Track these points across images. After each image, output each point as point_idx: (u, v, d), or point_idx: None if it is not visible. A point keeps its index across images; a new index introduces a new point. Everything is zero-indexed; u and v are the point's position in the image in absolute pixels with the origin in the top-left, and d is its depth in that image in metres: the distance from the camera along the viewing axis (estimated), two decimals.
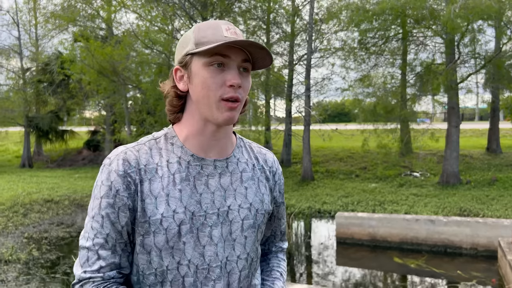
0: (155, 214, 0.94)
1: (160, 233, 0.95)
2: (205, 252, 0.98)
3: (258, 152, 1.15)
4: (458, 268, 5.98)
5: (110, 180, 0.95)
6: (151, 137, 1.04)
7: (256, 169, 1.11)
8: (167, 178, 0.97)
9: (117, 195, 0.94)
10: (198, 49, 0.95)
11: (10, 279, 5.67)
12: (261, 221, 1.07)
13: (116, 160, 0.97)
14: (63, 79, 16.93)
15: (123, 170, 0.95)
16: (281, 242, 1.29)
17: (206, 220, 0.98)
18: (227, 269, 1.01)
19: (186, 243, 0.96)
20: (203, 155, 1.01)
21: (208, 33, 0.95)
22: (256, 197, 1.07)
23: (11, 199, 10.50)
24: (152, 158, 0.99)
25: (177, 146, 1.01)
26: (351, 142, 17.21)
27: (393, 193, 10.43)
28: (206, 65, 0.95)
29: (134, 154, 0.98)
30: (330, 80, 15.40)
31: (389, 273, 6.12)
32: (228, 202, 1.01)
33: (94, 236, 0.95)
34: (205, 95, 0.96)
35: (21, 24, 18.90)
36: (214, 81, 0.94)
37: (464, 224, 6.55)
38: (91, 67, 12.19)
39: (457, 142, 10.98)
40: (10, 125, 19.46)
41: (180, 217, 0.96)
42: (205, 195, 0.99)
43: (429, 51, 13.08)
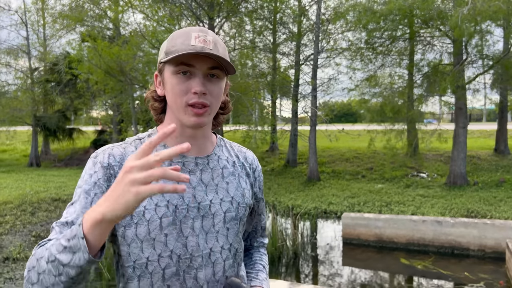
0: (139, 206, 0.95)
1: (142, 225, 0.99)
2: (187, 242, 1.03)
3: (238, 151, 1.23)
4: (465, 269, 5.94)
5: (94, 170, 1.01)
6: (136, 137, 1.11)
7: (237, 166, 1.18)
8: None
9: (97, 183, 0.99)
10: (165, 58, 1.01)
11: (18, 277, 5.72)
12: (242, 213, 1.13)
13: (102, 153, 1.03)
14: (71, 79, 17.03)
15: (107, 163, 1.01)
16: (262, 237, 1.36)
17: (188, 213, 1.04)
18: (212, 259, 1.06)
19: (168, 234, 1.01)
20: (185, 153, 1.07)
21: (177, 42, 1.01)
22: (237, 191, 1.13)
23: (19, 197, 10.59)
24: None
25: (160, 145, 1.07)
26: (358, 142, 17.16)
27: (400, 194, 10.39)
28: (173, 73, 1.02)
29: (120, 151, 1.05)
30: (337, 80, 15.37)
31: (395, 274, 6.09)
32: (209, 197, 1.07)
33: (67, 216, 0.97)
34: (174, 101, 1.03)
35: (29, 24, 19.07)
36: (180, 88, 1.01)
37: (471, 226, 6.51)
38: (98, 67, 12.26)
39: (464, 143, 10.91)
40: (18, 124, 19.62)
41: (162, 210, 1.01)
42: (187, 190, 1.04)
43: (437, 52, 13.01)
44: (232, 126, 15.62)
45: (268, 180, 13.27)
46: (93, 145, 20.25)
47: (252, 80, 13.94)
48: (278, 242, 6.64)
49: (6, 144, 24.99)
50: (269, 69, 14.68)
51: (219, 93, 1.05)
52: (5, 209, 9.47)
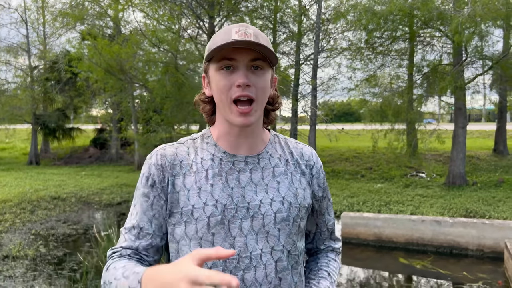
0: (187, 205, 1.03)
1: (191, 223, 1.02)
2: (235, 243, 1.02)
3: (294, 147, 1.18)
4: (464, 269, 5.96)
5: (149, 172, 1.07)
6: (190, 137, 1.15)
7: (290, 164, 1.14)
8: (200, 174, 1.05)
9: (154, 185, 1.06)
10: (207, 56, 1.03)
11: (17, 275, 5.73)
12: (295, 214, 1.09)
13: (155, 155, 1.08)
14: (71, 77, 17.04)
15: (160, 164, 1.06)
16: (331, 241, 1.28)
17: (237, 213, 1.04)
18: (263, 260, 1.04)
19: (216, 234, 1.02)
20: (234, 152, 1.09)
21: (218, 39, 1.01)
22: (289, 191, 1.10)
23: (18, 196, 10.60)
24: (188, 155, 1.09)
25: (211, 144, 1.10)
26: (357, 142, 17.18)
27: (399, 193, 10.41)
28: (217, 70, 1.02)
29: (172, 151, 1.09)
30: (337, 80, 15.37)
31: (394, 274, 6.11)
32: (259, 196, 1.06)
33: (129, 221, 1.08)
34: (220, 99, 1.03)
35: (29, 22, 19.07)
36: (223, 83, 1.01)
37: (470, 226, 6.53)
38: (98, 65, 12.26)
39: (463, 143, 10.94)
40: (17, 122, 19.63)
41: (210, 209, 1.02)
42: (236, 190, 1.05)
43: (436, 52, 13.03)
44: None
45: None
46: (92, 143, 20.26)
47: None
48: None
49: (5, 142, 24.99)
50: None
51: (264, 85, 1.03)
52: (4, 207, 9.48)
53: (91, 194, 11.19)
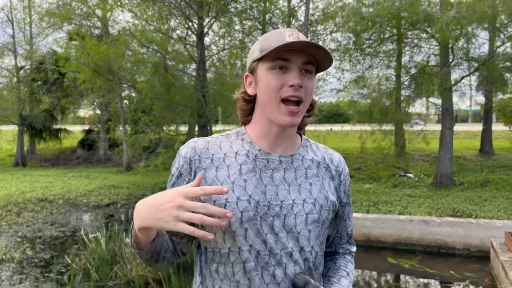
0: (220, 198, 1.03)
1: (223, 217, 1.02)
2: (267, 239, 1.04)
3: (324, 152, 1.22)
4: (451, 268, 6.03)
5: (179, 164, 1.10)
6: (224, 133, 1.17)
7: (321, 167, 1.17)
8: (234, 168, 1.07)
9: (180, 177, 1.09)
10: (261, 55, 1.04)
11: (4, 278, 5.64)
12: (325, 217, 1.12)
13: (186, 147, 1.11)
14: (58, 78, 16.84)
15: (189, 157, 1.09)
16: (349, 244, 1.31)
17: (270, 210, 1.05)
18: (293, 258, 1.06)
19: (248, 229, 1.03)
20: (270, 151, 1.10)
21: (272, 40, 1.04)
22: (321, 193, 1.12)
23: (4, 198, 10.45)
24: (221, 149, 1.10)
25: (246, 141, 1.12)
26: (346, 142, 17.28)
27: (387, 193, 10.49)
28: (269, 69, 1.04)
29: (203, 144, 1.11)
30: (325, 81, 15.45)
31: (383, 273, 6.16)
32: (292, 196, 1.08)
33: None
34: (268, 98, 1.05)
35: (16, 22, 18.81)
36: (276, 82, 1.03)
37: (457, 225, 6.62)
38: (86, 65, 12.15)
39: (450, 143, 11.07)
40: (3, 123, 19.36)
41: (243, 204, 1.03)
42: (270, 187, 1.07)
43: (424, 53, 13.18)
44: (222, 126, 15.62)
45: None
46: (80, 144, 20.05)
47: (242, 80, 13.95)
48: None
49: None
50: None
51: (312, 89, 1.07)
52: None
53: (78, 195, 11.08)
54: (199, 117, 11.98)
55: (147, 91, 11.38)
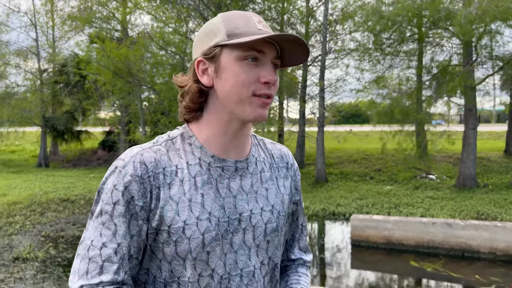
0: (177, 222, 0.87)
1: (182, 243, 0.87)
2: (226, 260, 0.91)
3: (272, 149, 1.08)
4: (476, 272, 5.87)
5: (125, 185, 0.86)
6: (167, 137, 0.96)
7: (274, 168, 1.04)
8: (188, 182, 0.89)
9: (131, 202, 0.86)
10: (232, 41, 0.86)
11: (28, 277, 5.75)
12: (283, 223, 1.01)
13: (132, 162, 0.87)
14: (79, 80, 17.16)
15: (140, 175, 0.86)
16: (303, 252, 1.16)
17: (229, 226, 0.91)
18: (255, 277, 0.95)
19: (210, 252, 0.89)
20: (224, 156, 0.94)
21: (240, 24, 0.88)
22: (277, 198, 1.00)
23: (28, 198, 10.67)
24: (170, 160, 0.91)
25: (195, 146, 0.93)
26: (366, 143, 17.08)
27: (409, 195, 10.32)
28: (239, 59, 0.87)
29: (152, 156, 0.89)
30: (345, 81, 15.31)
31: (404, 277, 6.04)
32: (250, 206, 0.94)
33: (102, 245, 0.85)
34: (236, 92, 0.88)
35: (39, 26, 19.21)
36: (247, 76, 0.87)
37: (482, 228, 6.44)
38: (106, 68, 12.33)
39: (474, 144, 10.82)
40: (27, 125, 19.79)
41: (204, 224, 0.88)
42: (228, 199, 0.92)
43: (446, 52, 12.92)
44: None
45: None
46: (101, 146, 20.37)
47: None
48: None
49: (15, 144, 25.21)
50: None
51: (278, 85, 0.92)
52: (14, 209, 9.55)
53: None
54: None
55: (166, 93, 11.47)
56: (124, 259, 0.86)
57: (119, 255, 0.85)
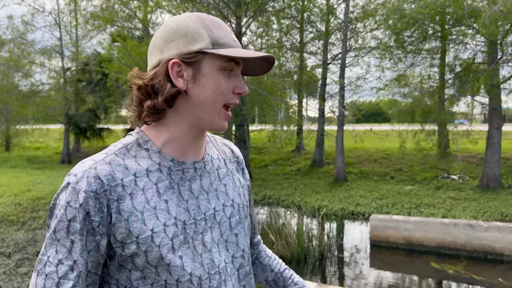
0: (144, 231, 0.85)
1: (152, 251, 0.86)
2: (203, 260, 0.91)
3: (223, 145, 1.12)
4: (499, 275, 5.74)
5: (79, 202, 0.83)
6: (120, 144, 0.93)
7: (228, 163, 1.07)
8: (150, 189, 0.88)
9: (87, 218, 0.83)
10: (219, 51, 0.87)
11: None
12: (244, 215, 1.04)
13: (86, 177, 0.84)
14: (101, 78, 17.45)
15: (94, 191, 0.83)
16: (257, 234, 1.26)
17: (197, 227, 0.92)
18: (228, 272, 0.96)
19: (183, 256, 0.89)
20: (183, 159, 0.95)
21: (220, 33, 0.90)
22: (235, 192, 1.03)
23: (52, 193, 10.92)
24: (127, 170, 0.88)
25: (153, 151, 0.92)
26: (386, 143, 16.86)
27: (430, 196, 10.14)
28: (220, 69, 0.89)
29: (106, 169, 0.86)
30: (365, 80, 15.13)
31: (425, 278, 5.94)
32: (212, 204, 0.96)
33: (58, 262, 0.83)
34: (212, 100, 0.90)
35: (63, 25, 19.62)
36: (226, 86, 0.90)
37: (506, 230, 6.28)
38: (127, 66, 12.49)
39: (498, 144, 10.55)
40: (51, 122, 20.25)
41: (171, 230, 0.88)
42: (191, 201, 0.93)
43: (470, 50, 12.63)
44: (258, 125, 15.63)
45: (294, 180, 13.19)
46: None
47: (279, 79, 13.90)
48: (304, 242, 6.59)
49: (40, 141, 25.84)
50: (296, 68, 14.61)
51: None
52: (38, 204, 9.78)
53: None
54: (236, 116, 12.03)
55: None
56: (80, 276, 0.84)
57: (75, 272, 0.84)
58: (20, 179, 13.33)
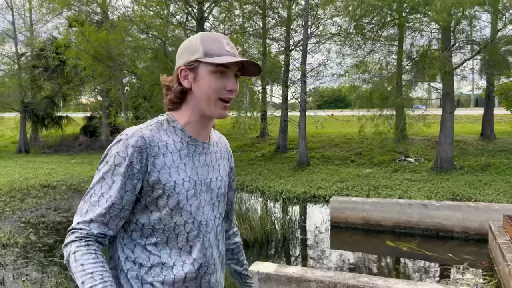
0: (170, 181, 1.19)
1: (173, 197, 1.19)
2: (204, 211, 1.27)
3: (218, 136, 1.47)
4: (449, 251, 6.10)
5: (127, 153, 1.15)
6: (157, 120, 1.27)
7: (221, 151, 1.43)
8: (175, 153, 1.23)
9: (130, 166, 1.15)
10: (208, 59, 1.20)
11: (8, 263, 5.74)
12: (226, 190, 1.41)
13: (134, 136, 1.17)
14: (58, 65, 16.82)
15: (139, 146, 1.16)
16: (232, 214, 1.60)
17: (202, 187, 1.28)
18: (216, 223, 1.33)
19: (192, 205, 1.23)
20: (197, 138, 1.30)
21: (214, 46, 1.21)
22: (224, 172, 1.40)
23: (8, 184, 10.55)
24: (161, 137, 1.22)
25: (178, 129, 1.27)
26: (347, 128, 17.27)
27: (388, 178, 10.54)
28: (212, 73, 1.21)
29: (150, 133, 1.20)
30: (326, 66, 15.37)
31: (381, 256, 6.23)
32: (210, 175, 1.32)
33: (100, 194, 1.16)
34: (207, 96, 1.22)
35: (15, 8, 18.70)
36: (217, 85, 1.22)
37: (456, 208, 6.65)
38: (86, 52, 12.12)
39: (451, 128, 11.06)
40: (5, 110, 19.39)
41: (187, 184, 1.23)
42: (199, 169, 1.28)
43: (425, 37, 13.06)
44: None
45: (258, 165, 13.34)
46: (82, 131, 20.11)
47: None
48: (267, 225, 6.73)
49: None
50: (259, 55, 14.64)
51: (238, 90, 1.28)
52: None
53: (81, 181, 11.17)
54: None
55: (147, 77, 11.37)
56: (113, 207, 1.15)
57: (109, 203, 1.15)
58: None
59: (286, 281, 3.81)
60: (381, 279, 3.62)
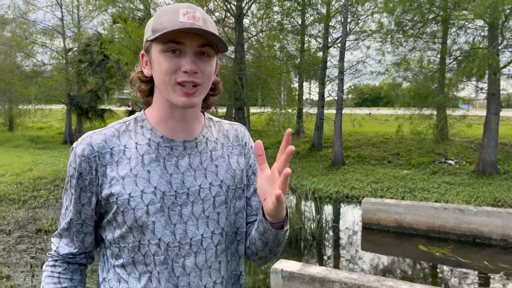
0: (123, 194, 0.99)
1: (128, 213, 0.99)
2: (175, 230, 1.02)
3: (228, 129, 1.20)
4: (485, 259, 5.87)
5: (76, 163, 1.02)
6: (121, 121, 1.09)
7: (227, 146, 1.15)
8: (135, 160, 1.02)
9: (80, 177, 1.02)
10: (152, 36, 0.98)
11: (49, 248, 6.07)
12: (232, 196, 1.12)
13: (81, 144, 1.02)
14: (103, 59, 17.44)
15: (86, 155, 1.00)
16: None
17: (176, 199, 1.03)
18: (203, 245, 1.06)
19: (156, 222, 1.00)
20: (173, 137, 1.06)
21: (164, 19, 0.97)
22: (227, 173, 1.12)
23: (52, 173, 11.11)
24: (119, 141, 1.03)
25: (146, 128, 1.06)
26: (385, 127, 16.89)
27: (425, 180, 10.24)
28: (161, 52, 0.98)
29: (100, 138, 1.02)
30: (365, 64, 15.07)
31: (413, 260, 6.09)
32: (198, 182, 1.06)
33: (66, 207, 1.09)
34: (162, 80, 0.99)
35: (64, 5, 19.53)
36: (169, 66, 0.97)
37: (495, 215, 6.38)
38: (128, 47, 12.50)
39: (496, 130, 10.58)
40: (53, 103, 20.35)
41: (148, 197, 1.00)
42: (175, 176, 1.03)
43: (470, 35, 12.53)
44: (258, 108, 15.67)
45: (292, 163, 13.31)
46: None
47: (280, 62, 13.88)
48: (297, 224, 6.74)
49: (42, 122, 26.01)
50: (297, 51, 14.57)
51: (210, 71, 1.01)
52: (39, 184, 9.97)
53: None
54: (235, 100, 12.08)
55: None
56: (72, 222, 1.08)
57: (69, 218, 1.08)
58: (22, 158, 13.54)
59: (310, 280, 3.81)
60: (407, 283, 3.55)
